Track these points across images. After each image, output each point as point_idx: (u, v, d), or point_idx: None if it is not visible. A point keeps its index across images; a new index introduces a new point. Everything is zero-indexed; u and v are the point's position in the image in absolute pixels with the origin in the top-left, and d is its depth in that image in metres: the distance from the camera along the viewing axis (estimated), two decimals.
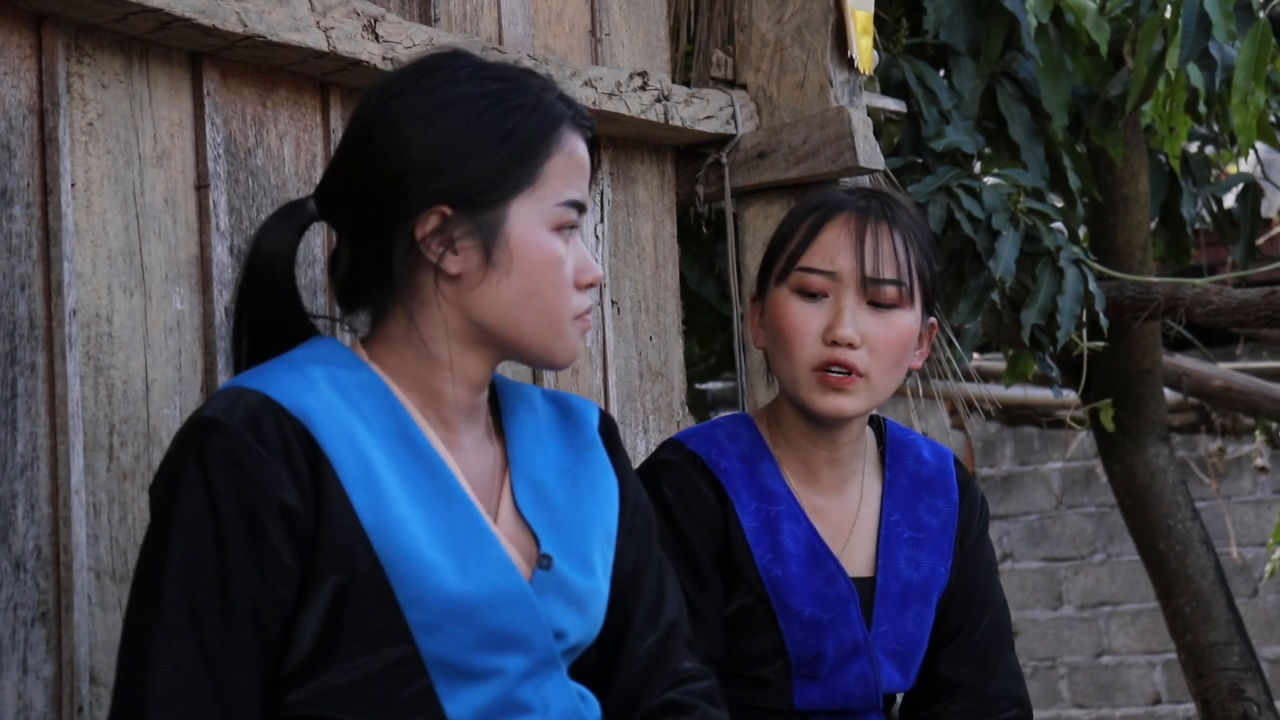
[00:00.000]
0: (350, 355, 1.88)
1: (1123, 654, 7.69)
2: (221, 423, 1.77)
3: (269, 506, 1.75)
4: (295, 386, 1.81)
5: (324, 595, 1.77)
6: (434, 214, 1.83)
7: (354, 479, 1.79)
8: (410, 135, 1.84)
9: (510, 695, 1.84)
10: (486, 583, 1.82)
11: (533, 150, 1.85)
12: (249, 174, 2.31)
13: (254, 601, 1.75)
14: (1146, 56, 3.57)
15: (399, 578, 1.78)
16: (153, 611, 1.75)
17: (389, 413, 1.85)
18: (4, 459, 2.04)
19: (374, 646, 1.78)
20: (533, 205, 1.85)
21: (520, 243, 1.84)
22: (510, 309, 1.85)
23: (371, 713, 1.79)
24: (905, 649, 2.34)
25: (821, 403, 2.26)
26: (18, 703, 2.02)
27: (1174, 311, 4.02)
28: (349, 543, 1.78)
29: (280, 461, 1.76)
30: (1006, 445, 7.94)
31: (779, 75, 2.95)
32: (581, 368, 2.74)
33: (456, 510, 1.84)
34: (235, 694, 1.75)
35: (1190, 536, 4.40)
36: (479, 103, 1.84)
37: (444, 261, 1.84)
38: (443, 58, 1.90)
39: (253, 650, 1.76)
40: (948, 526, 2.38)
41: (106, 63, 2.17)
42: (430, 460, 1.85)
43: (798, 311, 2.27)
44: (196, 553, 1.75)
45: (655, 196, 2.90)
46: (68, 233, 2.10)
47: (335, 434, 1.80)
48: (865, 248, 2.25)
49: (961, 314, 3.45)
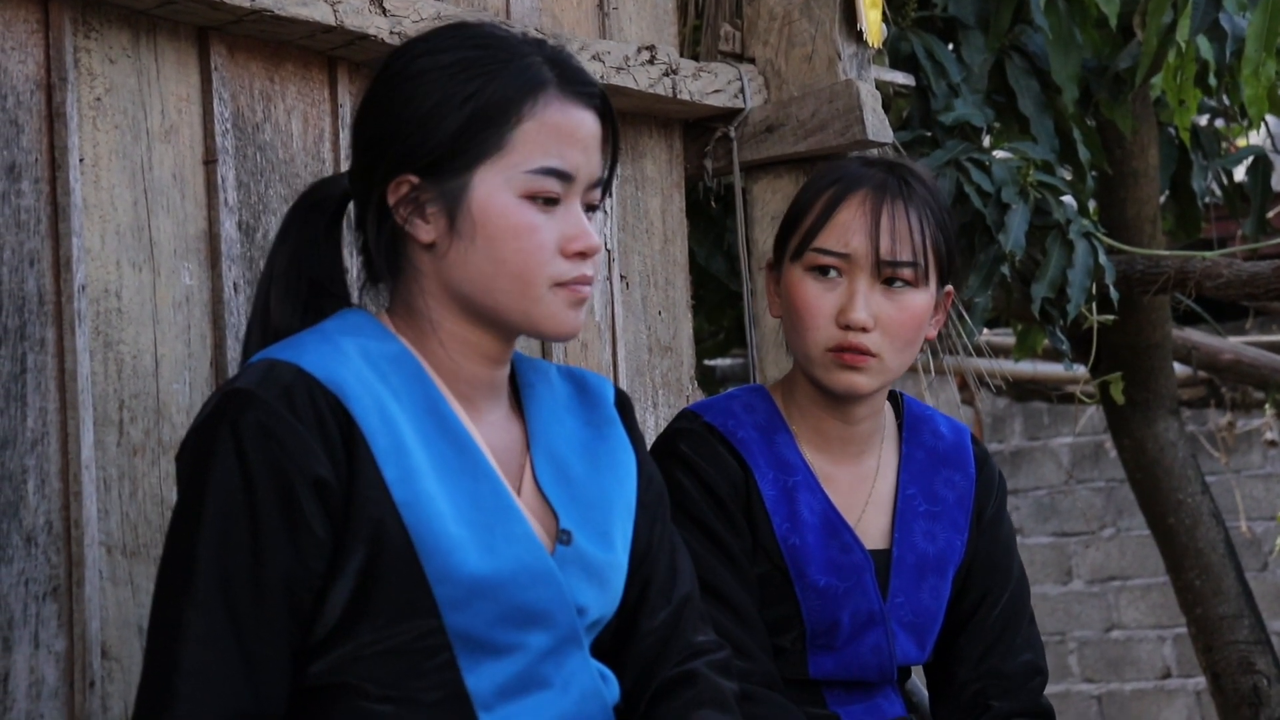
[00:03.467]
0: (379, 327, 1.88)
1: (1132, 628, 7.69)
2: (256, 395, 1.76)
3: (303, 479, 1.75)
4: (329, 359, 1.81)
5: (353, 567, 1.78)
6: (403, 182, 1.85)
7: (386, 453, 1.79)
8: (387, 105, 1.86)
9: (532, 671, 1.84)
10: (512, 559, 1.82)
11: (499, 116, 1.83)
12: (257, 149, 2.31)
13: (286, 575, 1.76)
14: (1156, 29, 3.56)
15: (427, 553, 1.79)
16: (184, 582, 1.75)
17: (418, 386, 1.85)
18: (15, 434, 2.04)
19: (400, 619, 1.79)
20: (499, 172, 1.84)
21: (483, 210, 1.83)
22: (480, 277, 1.84)
23: (393, 683, 1.80)
24: (921, 621, 2.34)
25: (836, 380, 2.26)
26: (29, 677, 2.03)
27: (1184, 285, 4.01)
28: (380, 516, 1.78)
29: (314, 434, 1.76)
30: (1016, 420, 7.93)
31: (787, 49, 2.94)
32: (591, 342, 2.74)
33: (484, 487, 1.84)
34: (264, 667, 1.75)
35: (1200, 510, 4.40)
36: (449, 70, 1.84)
37: (414, 229, 1.85)
38: (440, 28, 1.91)
39: (284, 623, 1.76)
40: (964, 501, 2.38)
41: (114, 37, 2.17)
42: (458, 436, 1.85)
43: (812, 291, 2.27)
44: (230, 525, 1.75)
45: (663, 171, 2.90)
46: (76, 208, 2.10)
47: (368, 407, 1.80)
48: (880, 229, 2.25)
49: (971, 288, 3.44)
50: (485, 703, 1.82)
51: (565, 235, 1.85)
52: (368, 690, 1.79)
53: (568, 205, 1.86)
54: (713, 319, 4.12)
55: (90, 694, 2.06)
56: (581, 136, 1.87)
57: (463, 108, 1.83)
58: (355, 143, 1.90)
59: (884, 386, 2.31)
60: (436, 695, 1.81)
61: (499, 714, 1.82)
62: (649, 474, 2.03)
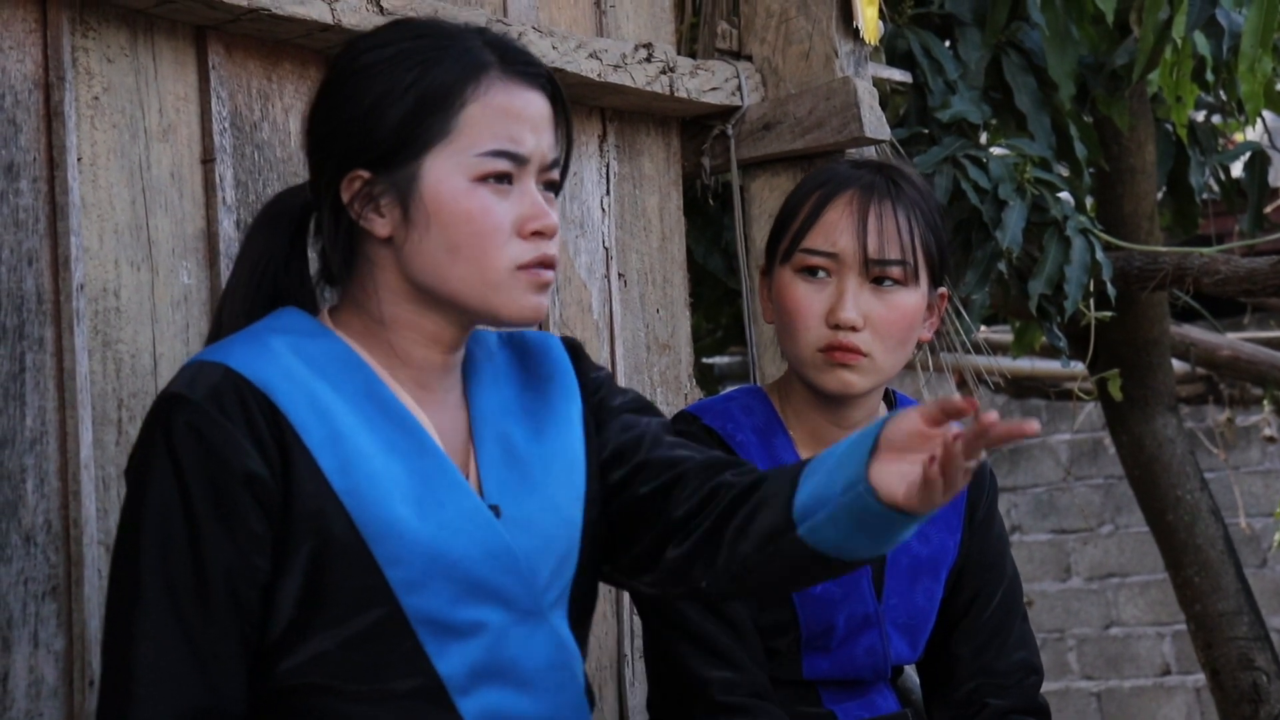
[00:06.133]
0: (313, 323, 1.88)
1: (1131, 625, 7.69)
2: (184, 397, 1.79)
3: (234, 476, 1.77)
4: (256, 356, 1.82)
5: (300, 561, 1.79)
6: (355, 178, 1.85)
7: (321, 443, 1.80)
8: (333, 103, 1.87)
9: (498, 648, 1.84)
10: (463, 534, 1.83)
11: (443, 102, 1.83)
12: (255, 148, 2.31)
13: (228, 571, 1.77)
14: (1153, 25, 3.56)
15: (375, 538, 1.79)
16: (130, 588, 1.78)
17: (356, 374, 1.86)
18: (13, 434, 2.04)
19: (356, 608, 1.80)
20: (448, 158, 1.83)
21: (435, 197, 1.83)
22: (437, 265, 1.84)
23: (363, 678, 1.80)
24: (915, 622, 2.34)
25: (829, 380, 2.26)
26: (29, 676, 2.03)
27: (1181, 281, 4.01)
28: (321, 506, 1.79)
29: (243, 431, 1.78)
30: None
31: (784, 46, 2.94)
32: (589, 340, 2.74)
33: (430, 464, 1.85)
34: (217, 662, 1.77)
35: (1199, 507, 4.40)
36: (391, 63, 1.85)
37: (370, 223, 1.85)
38: (384, 25, 1.93)
39: (232, 619, 1.78)
40: (956, 502, 2.38)
41: (111, 36, 2.17)
42: (400, 416, 1.85)
43: (801, 293, 2.27)
44: (168, 527, 1.77)
45: (661, 169, 2.90)
46: (74, 207, 2.10)
47: (298, 400, 1.81)
48: (868, 228, 2.25)
49: (968, 285, 3.44)
50: (460, 686, 1.82)
51: (522, 215, 1.85)
52: (339, 689, 1.80)
53: (522, 186, 1.86)
54: (710, 317, 4.12)
55: (90, 693, 2.06)
56: (529, 115, 1.86)
57: (405, 96, 1.83)
58: (307, 144, 1.90)
59: (877, 386, 2.30)
60: (409, 685, 1.81)
61: (475, 698, 1.83)
62: (609, 386, 2.00)
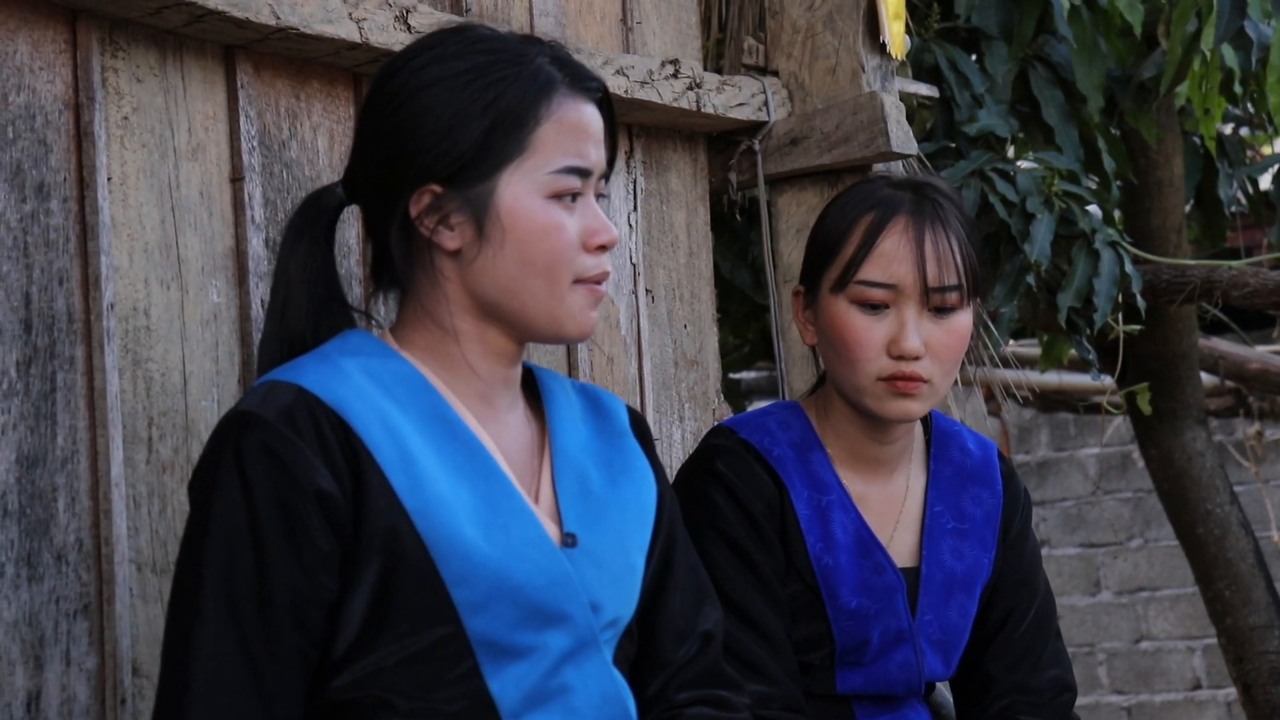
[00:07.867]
0: (380, 345, 1.89)
1: (1162, 639, 7.66)
2: (257, 416, 1.78)
3: (305, 494, 1.76)
4: (329, 377, 1.82)
5: (369, 579, 1.78)
6: (426, 193, 1.86)
7: (392, 463, 1.80)
8: (400, 116, 1.86)
9: (553, 675, 1.85)
10: (528, 560, 1.83)
11: (518, 121, 1.85)
12: (283, 166, 2.31)
13: (293, 591, 1.76)
14: (1181, 37, 3.55)
15: (444, 557, 1.79)
16: (192, 606, 1.76)
17: (423, 396, 1.86)
18: (45, 453, 2.04)
19: (420, 626, 1.79)
20: (523, 175, 1.85)
21: (511, 214, 1.85)
22: (509, 280, 1.86)
23: (417, 694, 1.80)
24: (949, 638, 2.33)
25: (890, 409, 2.25)
26: (61, 695, 2.03)
27: (1210, 294, 4.00)
28: (392, 525, 1.79)
29: (315, 449, 1.78)
30: (1042, 431, 7.91)
31: (811, 61, 2.94)
32: (617, 356, 2.74)
33: (496, 489, 1.85)
34: (275, 683, 1.76)
35: (1229, 520, 4.38)
36: (463, 78, 1.86)
37: (439, 238, 1.86)
38: (439, 34, 1.92)
39: (294, 640, 1.77)
40: (991, 518, 2.37)
41: (141, 57, 2.18)
42: (467, 439, 1.86)
43: (860, 324, 2.24)
44: (234, 545, 1.76)
45: (688, 184, 2.90)
46: (105, 226, 2.11)
47: (370, 420, 1.81)
48: (926, 257, 2.23)
49: (997, 298, 3.44)
50: (511, 710, 1.82)
51: (587, 229, 1.88)
52: (393, 704, 1.80)
53: (585, 200, 1.89)
54: (738, 332, 4.12)
55: (122, 711, 2.06)
56: (593, 131, 1.90)
57: (484, 116, 1.84)
58: (368, 157, 1.90)
59: (933, 408, 2.30)
60: (460, 705, 1.81)
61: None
62: (667, 494, 2.04)
